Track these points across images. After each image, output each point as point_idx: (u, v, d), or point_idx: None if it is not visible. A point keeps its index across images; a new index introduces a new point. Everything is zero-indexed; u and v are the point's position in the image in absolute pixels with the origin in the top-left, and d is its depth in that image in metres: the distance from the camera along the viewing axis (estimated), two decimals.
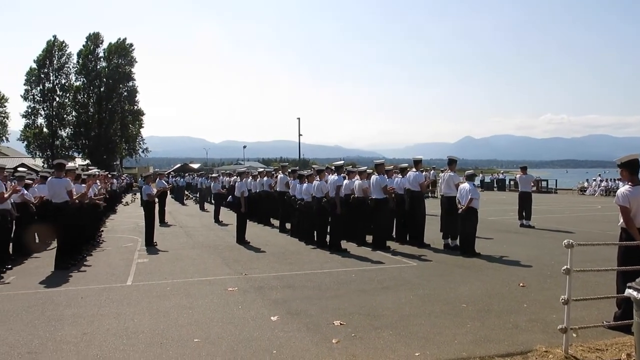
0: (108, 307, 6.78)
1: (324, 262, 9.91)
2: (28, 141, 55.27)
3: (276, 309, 6.50)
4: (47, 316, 6.36)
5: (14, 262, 10.11)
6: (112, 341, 5.35)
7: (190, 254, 11.17)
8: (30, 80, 54.89)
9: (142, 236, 13.27)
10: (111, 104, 57.32)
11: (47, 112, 55.67)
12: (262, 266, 9.60)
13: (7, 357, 4.97)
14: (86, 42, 57.01)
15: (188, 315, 6.30)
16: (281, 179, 15.41)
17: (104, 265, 9.96)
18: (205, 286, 7.94)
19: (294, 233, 13.64)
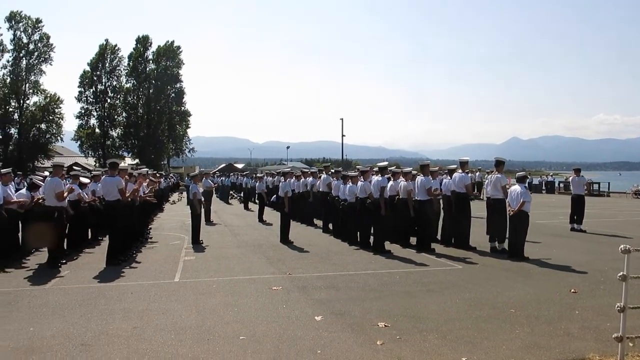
0: (157, 302, 6.96)
1: (367, 263, 9.87)
2: (81, 141, 57.51)
3: (320, 309, 6.52)
4: (99, 310, 6.58)
5: (68, 257, 10.49)
6: (161, 336, 5.49)
7: (235, 253, 11.34)
8: (84, 83, 57.05)
9: (188, 234, 13.56)
10: (159, 105, 58.95)
11: (99, 113, 57.75)
12: (305, 266, 9.65)
13: (62, 347, 5.17)
14: (136, 45, 58.80)
15: (234, 312, 6.40)
16: (324, 179, 15.44)
17: (152, 262, 10.23)
18: (250, 284, 8.04)
19: (337, 234, 13.64)
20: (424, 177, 11.45)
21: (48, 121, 54.00)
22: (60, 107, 54.23)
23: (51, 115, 53.89)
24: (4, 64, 52.44)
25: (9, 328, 5.82)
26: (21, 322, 6.07)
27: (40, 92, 53.73)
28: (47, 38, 53.89)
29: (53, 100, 53.84)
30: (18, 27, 52.55)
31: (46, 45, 53.84)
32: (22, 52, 52.58)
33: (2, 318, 6.23)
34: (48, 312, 6.49)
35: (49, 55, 53.97)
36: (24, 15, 52.89)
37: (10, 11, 52.75)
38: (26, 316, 6.33)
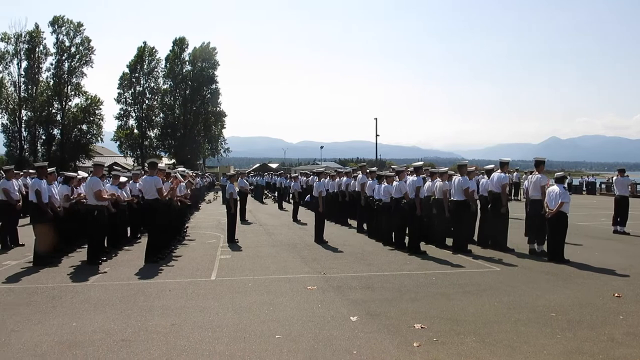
0: (194, 300, 7.07)
1: (402, 264, 9.80)
2: (120, 141, 58.98)
3: (355, 309, 6.50)
4: (139, 306, 6.72)
5: (108, 254, 10.75)
6: (199, 333, 5.57)
7: (270, 252, 11.41)
8: (123, 85, 58.46)
9: (224, 233, 13.73)
10: (195, 106, 59.85)
11: (138, 114, 59.06)
12: (340, 266, 9.64)
13: (104, 343, 5.30)
14: (173, 47, 59.86)
15: (269, 311, 6.44)
16: (359, 179, 15.39)
17: (189, 260, 10.38)
18: (285, 284, 8.08)
19: (371, 234, 13.58)
20: (461, 177, 11.29)
21: (89, 122, 55.69)
22: (100, 109, 55.98)
23: (92, 117, 55.58)
24: (48, 67, 54.39)
25: (53, 322, 6.00)
26: (64, 317, 6.25)
27: (81, 94, 55.47)
28: (88, 41, 55.56)
29: (94, 101, 55.47)
30: (61, 31, 54.33)
31: (87, 48, 55.51)
32: (65, 55, 54.33)
33: (47, 313, 6.43)
34: (90, 308, 6.67)
35: (90, 58, 55.68)
36: (67, 20, 54.61)
37: (53, 16, 54.55)
38: (69, 311, 6.51)
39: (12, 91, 52.75)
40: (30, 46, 52.84)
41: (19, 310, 6.58)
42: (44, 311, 6.51)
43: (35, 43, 52.98)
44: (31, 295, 7.41)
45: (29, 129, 53.89)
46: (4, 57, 52.06)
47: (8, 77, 52.42)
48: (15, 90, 52.83)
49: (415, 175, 11.49)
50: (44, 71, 54.25)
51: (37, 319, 6.17)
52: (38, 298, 7.21)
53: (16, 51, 52.59)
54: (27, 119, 53.62)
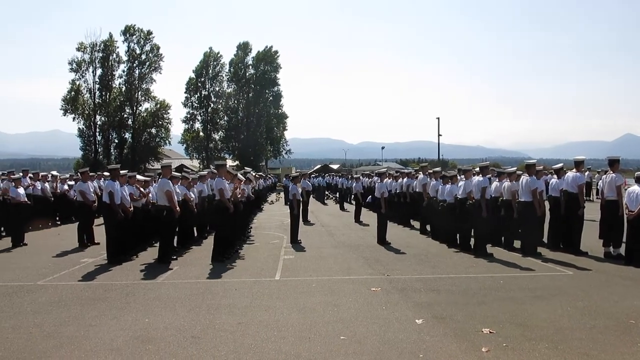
0: (259, 299, 7.18)
1: (468, 267, 9.56)
2: (187, 144, 61.14)
3: (421, 312, 6.39)
4: (206, 304, 6.91)
5: (177, 253, 11.12)
6: (265, 332, 5.65)
7: (332, 253, 11.44)
8: (190, 89, 60.50)
9: (287, 233, 13.88)
10: (258, 108, 61.02)
11: (203, 117, 60.99)
12: (404, 268, 9.52)
13: (175, 339, 5.48)
14: (237, 51, 61.33)
15: (333, 312, 6.44)
16: (421, 179, 15.16)
17: (253, 260, 10.57)
18: (349, 285, 8.07)
19: (435, 235, 13.34)
20: (529, 177, 10.88)
21: (158, 126, 58.07)
22: (168, 113, 58.25)
23: (160, 120, 57.96)
24: (120, 74, 57.10)
25: (127, 318, 6.27)
26: (137, 313, 6.52)
27: (150, 99, 58.01)
28: (157, 48, 57.96)
29: (162, 106, 57.84)
30: (132, 40, 56.95)
31: (156, 55, 57.90)
32: (135, 62, 56.90)
33: (121, 309, 6.73)
34: (160, 305, 6.91)
35: (159, 65, 58.12)
36: (137, 29, 57.17)
37: (125, 25, 57.26)
38: (142, 308, 6.78)
39: (88, 98, 55.78)
40: (104, 55, 55.66)
41: (96, 305, 6.92)
42: (118, 307, 6.82)
43: (108, 52, 55.77)
44: (107, 291, 7.77)
45: (103, 133, 56.79)
46: (81, 65, 55.11)
47: (84, 85, 55.53)
48: (90, 97, 55.83)
49: (482, 176, 11.18)
50: (117, 78, 57.10)
51: (112, 314, 6.47)
52: (113, 294, 7.55)
53: (91, 60, 55.54)
54: (101, 123, 56.54)
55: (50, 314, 6.49)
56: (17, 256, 11.31)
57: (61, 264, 10.17)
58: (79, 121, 55.52)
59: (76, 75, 55.07)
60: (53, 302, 7.10)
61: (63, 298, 7.35)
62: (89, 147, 56.45)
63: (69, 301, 7.16)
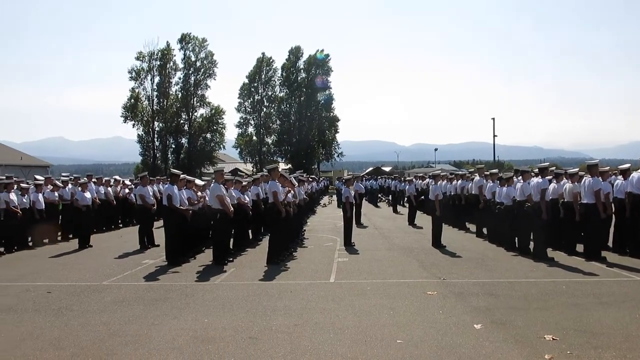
0: (314, 301, 7.22)
1: (528, 271, 9.27)
2: (240, 148, 62.34)
3: (479, 317, 6.25)
4: (263, 306, 7.01)
5: (233, 255, 11.34)
6: (321, 335, 5.68)
7: (387, 256, 11.36)
8: (243, 94, 61.69)
9: (340, 236, 13.90)
10: (310, 112, 61.47)
11: (256, 121, 62.03)
12: (460, 271, 9.34)
13: (233, 339, 5.59)
14: (289, 56, 62.05)
15: (389, 315, 6.40)
16: (477, 181, 14.84)
17: (308, 262, 10.64)
18: (404, 288, 7.99)
19: (492, 238, 13.02)
20: (592, 178, 10.45)
21: (212, 131, 59.60)
22: (222, 118, 59.67)
23: (215, 126, 59.44)
24: (176, 81, 58.95)
25: (187, 318, 6.45)
26: (197, 313, 6.70)
27: (205, 105, 59.53)
28: (211, 55, 59.48)
29: (217, 111, 59.29)
30: (188, 47, 58.65)
31: (211, 62, 59.40)
32: (191, 69, 58.56)
33: (182, 309, 6.93)
34: (218, 306, 7.07)
35: (213, 71, 59.51)
36: (193, 37, 58.84)
37: (181, 33, 59.07)
38: (201, 308, 6.96)
39: (146, 105, 57.86)
40: (162, 63, 57.58)
41: (158, 305, 7.16)
42: (179, 307, 7.03)
43: (166, 60, 57.67)
44: (167, 292, 8.03)
45: (161, 139, 58.76)
46: (140, 74, 57.25)
47: (143, 92, 57.68)
48: (149, 104, 57.90)
49: (541, 177, 10.82)
50: (173, 85, 58.98)
51: (173, 314, 6.67)
52: (173, 295, 7.79)
53: (150, 68, 57.61)
54: (159, 129, 58.52)
55: (115, 313, 6.76)
56: (84, 257, 11.84)
57: (124, 265, 10.58)
58: (138, 128, 57.75)
59: (135, 84, 57.33)
60: (117, 302, 7.40)
61: (127, 298, 7.65)
62: (147, 152, 58.53)
63: (133, 301, 7.44)
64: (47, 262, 11.17)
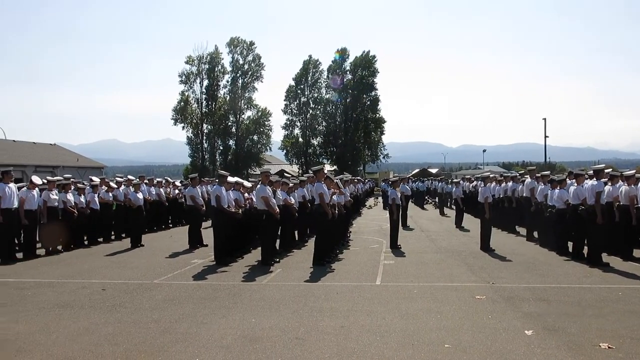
0: (361, 304, 7.20)
1: (581, 276, 8.95)
2: (286, 150, 62.85)
3: (530, 323, 6.08)
4: (309, 307, 7.05)
5: (279, 256, 11.45)
6: (367, 337, 5.66)
7: (434, 258, 11.21)
8: (289, 96, 62.20)
9: (386, 238, 13.82)
10: (355, 113, 61.35)
11: (302, 123, 62.39)
12: (510, 276, 9.12)
13: (280, 340, 5.64)
14: (335, 58, 62.13)
15: (437, 319, 6.31)
16: (528, 183, 14.43)
17: (354, 264, 10.63)
18: (452, 292, 7.87)
19: (543, 242, 12.64)
20: None
21: (259, 133, 60.47)
22: (269, 120, 60.47)
23: (262, 128, 60.29)
24: (224, 84, 60.09)
25: (235, 317, 6.56)
26: (244, 313, 6.80)
27: (252, 107, 60.48)
28: (258, 58, 60.42)
29: (264, 114, 60.14)
30: (235, 51, 59.74)
31: (258, 64, 60.34)
32: (239, 72, 59.63)
33: (230, 308, 7.05)
34: (265, 306, 7.15)
35: (260, 74, 60.44)
36: (241, 40, 59.85)
37: (230, 37, 60.24)
38: (248, 308, 7.06)
39: (196, 107, 59.26)
40: (211, 66, 58.90)
41: (206, 304, 7.30)
42: (226, 306, 7.15)
43: (214, 63, 58.96)
44: (215, 291, 8.18)
45: (209, 141, 60.04)
46: (189, 77, 58.71)
47: (192, 95, 59.14)
48: (198, 107, 59.28)
49: (595, 179, 10.43)
50: (222, 88, 60.15)
51: (221, 313, 6.80)
52: (221, 294, 7.93)
53: (199, 71, 58.99)
54: (207, 132, 59.80)
55: (165, 311, 6.94)
56: (135, 256, 12.22)
57: (174, 264, 10.85)
58: (187, 130, 59.25)
59: (185, 87, 58.86)
60: (168, 300, 7.60)
61: (177, 296, 7.84)
62: (196, 154, 59.94)
63: (182, 299, 7.63)
64: (102, 260, 11.59)
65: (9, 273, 10.01)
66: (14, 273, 10.01)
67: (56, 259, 11.88)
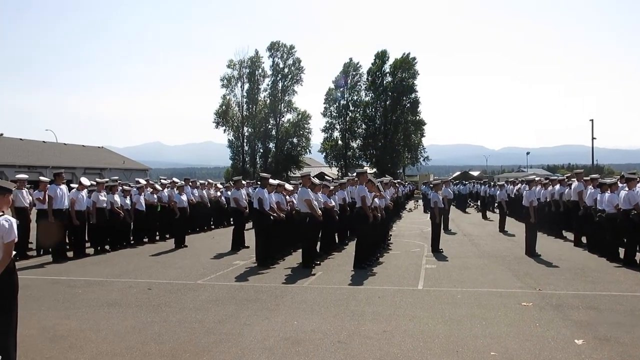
0: (403, 308, 7.13)
1: (634, 284, 8.61)
2: (326, 152, 62.96)
3: (580, 332, 5.88)
4: (351, 310, 7.02)
5: (320, 259, 11.45)
6: (410, 342, 5.59)
7: (477, 263, 11.00)
8: (329, 99, 62.35)
9: (427, 242, 13.64)
10: (395, 116, 60.96)
11: (342, 126, 62.42)
12: (557, 282, 8.85)
13: (322, 343, 5.64)
14: (374, 60, 61.91)
15: (482, 326, 6.18)
16: (576, 187, 13.99)
17: (394, 268, 10.53)
18: (497, 298, 7.69)
19: (592, 248, 12.21)
20: None
21: (299, 135, 60.90)
22: (309, 123, 60.85)
23: (301, 130, 60.73)
24: (265, 88, 60.83)
25: (277, 320, 6.60)
26: (286, 315, 6.83)
27: (292, 110, 60.99)
28: (298, 62, 61.02)
29: (303, 117, 60.54)
30: (276, 55, 60.45)
31: (297, 68, 60.92)
32: (279, 76, 60.25)
33: (272, 310, 7.09)
34: (307, 309, 7.17)
35: (300, 77, 60.99)
36: (281, 44, 60.46)
37: (270, 42, 60.98)
38: (290, 310, 7.09)
39: (237, 111, 60.17)
40: (251, 70, 59.79)
41: (249, 306, 7.37)
42: (269, 308, 7.20)
43: (255, 67, 59.84)
44: (257, 293, 8.25)
45: (250, 144, 60.84)
46: (230, 81, 59.70)
47: (233, 99, 60.15)
48: (239, 110, 60.17)
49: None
50: (262, 91, 60.94)
51: (264, 315, 6.85)
52: (263, 296, 8.00)
53: (240, 75, 59.92)
54: (248, 134, 60.64)
55: (209, 312, 7.05)
56: (179, 257, 12.45)
57: (217, 265, 11.01)
58: (228, 133, 60.25)
59: (227, 91, 59.87)
60: (211, 300, 7.71)
61: (220, 297, 7.95)
62: (237, 156, 60.87)
63: (226, 300, 7.72)
64: (147, 260, 11.87)
65: (61, 271, 10.37)
66: (65, 271, 10.37)
67: (104, 258, 12.24)
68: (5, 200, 4.83)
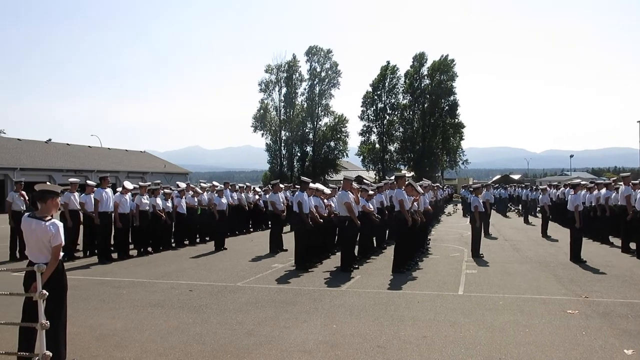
0: (443, 314, 7.04)
1: None
2: (363, 156, 62.83)
3: (630, 341, 5.68)
4: (389, 315, 6.98)
5: (358, 263, 11.42)
6: (451, 349, 5.51)
7: (519, 269, 10.76)
8: (366, 102, 62.23)
9: (467, 247, 13.43)
10: (434, 119, 60.37)
11: (379, 129, 62.19)
12: (604, 289, 8.57)
13: (361, 347, 5.62)
14: (412, 63, 61.52)
15: (525, 333, 6.04)
16: (623, 191, 13.52)
17: (434, 272, 10.41)
18: (540, 305, 7.51)
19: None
20: None
21: (336, 139, 60.98)
22: (346, 126, 60.91)
23: (339, 134, 60.82)
24: (302, 92, 61.22)
25: (316, 323, 6.61)
26: (325, 318, 6.83)
27: (329, 114, 61.15)
28: (335, 65, 61.14)
29: (340, 120, 60.63)
30: (313, 59, 60.72)
31: (335, 71, 61.07)
32: (316, 80, 60.52)
33: (311, 313, 7.12)
34: (346, 312, 7.16)
35: (337, 81, 61.10)
36: (319, 48, 60.75)
37: (308, 46, 61.33)
38: (329, 314, 7.09)
39: (274, 115, 60.72)
40: (288, 74, 60.23)
41: (288, 308, 7.42)
42: (308, 311, 7.23)
43: (292, 71, 60.24)
44: (296, 295, 8.29)
45: (287, 147, 61.24)
46: (268, 86, 60.32)
47: (271, 103, 60.72)
48: (276, 114, 60.71)
49: None
50: (299, 95, 61.32)
51: (303, 318, 6.87)
52: (302, 299, 8.03)
53: (277, 80, 60.46)
54: (286, 138, 61.06)
55: (249, 314, 7.12)
56: (219, 259, 12.63)
57: (256, 268, 11.12)
58: (266, 137, 60.82)
59: (264, 95, 60.49)
60: (251, 303, 7.79)
61: (259, 299, 8.03)
62: (275, 160, 61.35)
63: (265, 303, 7.79)
64: (188, 262, 12.09)
65: (106, 272, 10.68)
66: (110, 272, 10.67)
67: (147, 260, 12.53)
68: (53, 203, 4.99)
